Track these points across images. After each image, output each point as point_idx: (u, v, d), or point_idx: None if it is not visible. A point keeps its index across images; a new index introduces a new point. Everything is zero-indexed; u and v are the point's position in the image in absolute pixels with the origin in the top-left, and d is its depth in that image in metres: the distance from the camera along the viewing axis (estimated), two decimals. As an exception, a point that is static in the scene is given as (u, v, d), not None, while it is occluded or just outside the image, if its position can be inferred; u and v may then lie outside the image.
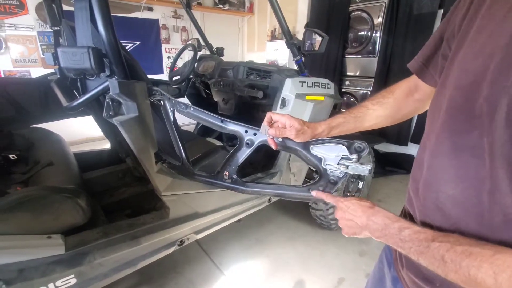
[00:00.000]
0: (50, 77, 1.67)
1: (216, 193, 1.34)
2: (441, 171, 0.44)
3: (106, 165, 1.71)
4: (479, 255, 0.34)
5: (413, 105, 0.66)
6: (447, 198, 0.42)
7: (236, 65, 1.87)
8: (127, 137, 0.95)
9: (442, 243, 0.38)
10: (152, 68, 4.10)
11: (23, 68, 3.18)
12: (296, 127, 0.71)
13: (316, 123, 0.73)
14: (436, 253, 0.38)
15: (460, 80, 0.41)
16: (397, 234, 0.45)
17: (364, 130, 0.72)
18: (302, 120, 0.73)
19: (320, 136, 0.74)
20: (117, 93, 0.87)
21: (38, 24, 3.15)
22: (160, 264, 1.59)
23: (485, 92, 0.36)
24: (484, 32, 0.39)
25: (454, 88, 0.42)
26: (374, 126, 0.70)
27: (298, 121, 0.71)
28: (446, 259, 0.36)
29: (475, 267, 0.33)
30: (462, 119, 0.40)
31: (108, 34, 0.83)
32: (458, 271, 0.35)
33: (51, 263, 0.92)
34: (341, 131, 0.72)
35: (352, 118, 0.70)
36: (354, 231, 0.55)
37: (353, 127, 0.70)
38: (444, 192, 0.43)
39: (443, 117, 0.44)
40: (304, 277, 1.59)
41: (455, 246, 0.37)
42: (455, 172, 0.41)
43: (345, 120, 0.71)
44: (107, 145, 1.97)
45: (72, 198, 1.01)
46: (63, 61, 0.84)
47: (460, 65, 0.42)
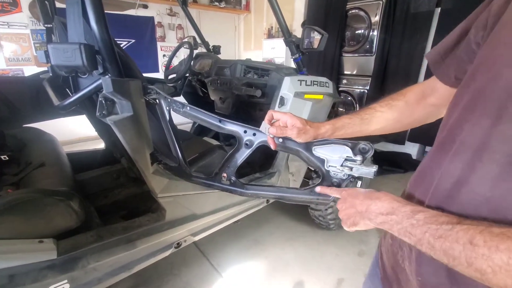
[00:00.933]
0: (43, 76, 1.62)
1: (213, 194, 1.31)
2: (475, 171, 0.39)
3: (100, 165, 1.67)
4: None
5: (425, 110, 0.61)
6: (485, 201, 0.37)
7: (233, 63, 1.84)
8: (121, 137, 0.92)
9: (472, 225, 0.32)
10: (147, 66, 4.04)
11: (16, 67, 3.11)
12: (298, 126, 0.68)
13: (319, 123, 0.70)
14: (462, 236, 0.32)
15: (482, 77, 0.38)
16: (408, 218, 0.39)
17: (371, 134, 0.67)
18: (304, 119, 0.70)
19: (323, 136, 0.70)
20: (111, 92, 0.84)
21: (31, 22, 3.08)
22: (156, 266, 1.55)
23: (508, 76, 0.33)
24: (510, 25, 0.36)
25: (484, 78, 0.38)
26: (382, 130, 0.66)
27: (300, 120, 0.68)
28: (477, 241, 0.30)
29: None
30: (490, 110, 0.36)
31: (101, 29, 0.79)
32: (492, 256, 0.29)
33: (43, 268, 0.89)
34: (346, 133, 0.68)
35: (358, 119, 0.66)
36: (353, 220, 0.50)
37: (359, 130, 0.66)
38: (481, 194, 0.37)
39: (465, 103, 0.40)
40: (303, 278, 1.57)
41: (491, 228, 0.31)
42: (494, 172, 0.36)
43: (351, 122, 0.67)
44: (102, 145, 1.93)
45: (65, 201, 0.97)
46: (54, 58, 0.80)
47: (488, 60, 0.38)
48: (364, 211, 0.47)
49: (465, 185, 0.38)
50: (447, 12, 2.72)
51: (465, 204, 0.38)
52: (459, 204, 0.39)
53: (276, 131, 0.71)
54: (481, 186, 0.37)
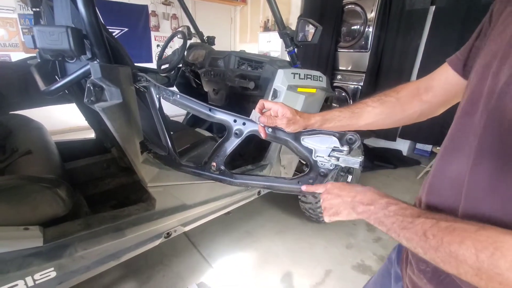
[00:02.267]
0: (30, 61, 1.58)
1: (204, 185, 1.31)
2: (454, 150, 0.42)
3: (90, 155, 1.64)
4: (463, 231, 0.32)
5: (418, 106, 0.61)
6: (465, 176, 0.39)
7: (227, 55, 1.82)
8: (110, 125, 0.91)
9: (428, 218, 0.36)
10: (140, 56, 3.97)
11: (3, 53, 3.02)
12: (288, 116, 0.68)
13: (309, 114, 0.71)
14: (419, 229, 0.36)
15: (480, 61, 0.39)
16: (382, 209, 0.42)
17: (360, 128, 0.67)
18: (295, 110, 0.70)
19: (312, 127, 0.71)
20: (99, 78, 0.82)
21: (19, 6, 2.98)
22: (147, 256, 1.56)
23: (495, 69, 0.35)
24: (509, 18, 0.37)
25: (474, 70, 0.40)
26: (372, 125, 0.66)
27: (290, 110, 0.69)
28: (428, 234, 0.34)
29: (456, 243, 0.31)
30: (471, 101, 0.38)
31: (89, 12, 0.77)
32: (439, 248, 0.33)
33: (28, 255, 0.88)
34: (335, 126, 0.68)
35: (348, 113, 0.66)
36: (336, 210, 0.52)
37: (348, 123, 0.67)
38: (459, 172, 0.40)
39: (462, 100, 0.42)
40: (292, 270, 1.60)
41: (440, 222, 0.34)
42: (469, 152, 0.38)
43: (341, 114, 0.67)
44: (92, 134, 1.90)
45: (51, 188, 0.96)
46: (39, 41, 0.78)
47: (484, 49, 0.40)
48: (349, 201, 0.49)
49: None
50: (441, 10, 2.74)
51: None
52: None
53: (267, 121, 0.71)
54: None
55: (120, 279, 1.46)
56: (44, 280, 0.91)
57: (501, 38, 0.37)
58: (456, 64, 0.53)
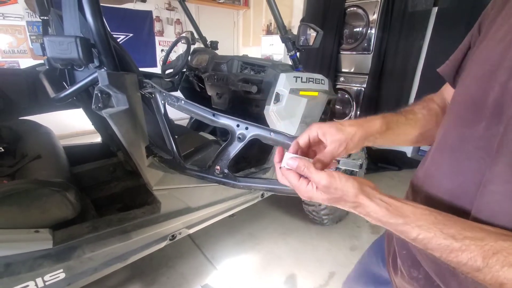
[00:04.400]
0: (39, 68, 1.62)
1: (208, 188, 1.33)
2: (442, 164, 0.43)
3: (97, 158, 1.68)
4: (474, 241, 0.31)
5: None
6: (446, 192, 0.41)
7: (230, 59, 1.84)
8: (117, 130, 0.94)
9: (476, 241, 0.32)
10: (145, 61, 4.03)
11: (11, 59, 3.09)
12: (338, 137, 0.47)
13: (361, 119, 0.52)
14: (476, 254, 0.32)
15: (476, 71, 0.40)
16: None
17: (416, 138, 0.56)
18: (335, 123, 0.50)
19: (374, 138, 0.52)
20: (106, 85, 0.85)
21: (27, 13, 3.05)
22: (152, 258, 1.58)
23: (502, 79, 0.34)
24: (505, 25, 0.38)
25: (469, 80, 0.41)
26: (424, 134, 0.55)
27: (330, 125, 0.48)
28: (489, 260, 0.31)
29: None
30: (472, 109, 0.39)
31: (97, 22, 0.80)
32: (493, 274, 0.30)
33: (39, 257, 0.91)
34: (397, 134, 0.54)
35: (404, 119, 0.54)
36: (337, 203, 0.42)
37: (410, 131, 0.54)
38: (443, 186, 0.42)
39: (454, 108, 0.43)
40: (296, 272, 1.61)
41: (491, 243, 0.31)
42: (458, 165, 0.40)
43: (399, 119, 0.54)
44: (98, 138, 1.94)
45: (61, 192, 0.99)
46: (50, 50, 0.81)
47: (478, 57, 0.41)
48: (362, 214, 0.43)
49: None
50: (444, 11, 2.74)
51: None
52: None
53: (321, 161, 0.45)
54: None
55: (126, 281, 1.48)
56: (53, 281, 0.94)
57: (502, 47, 0.36)
58: (448, 75, 0.54)
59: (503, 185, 0.34)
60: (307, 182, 0.42)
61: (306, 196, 0.42)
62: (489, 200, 0.35)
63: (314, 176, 0.40)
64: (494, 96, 0.35)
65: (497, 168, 0.34)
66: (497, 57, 0.36)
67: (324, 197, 0.41)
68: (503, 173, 0.33)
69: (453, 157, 0.41)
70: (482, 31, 0.45)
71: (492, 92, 0.36)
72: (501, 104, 0.34)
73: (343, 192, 0.39)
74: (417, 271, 0.46)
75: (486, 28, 0.43)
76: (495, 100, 0.35)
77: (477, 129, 0.37)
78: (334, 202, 0.41)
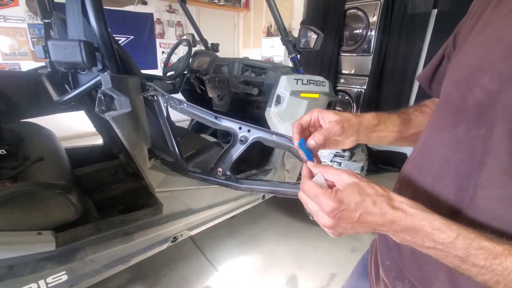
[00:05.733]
0: (41, 71, 1.63)
1: (210, 190, 1.34)
2: (423, 168, 0.43)
3: (99, 161, 1.68)
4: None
5: None
6: (428, 197, 0.41)
7: (231, 61, 1.85)
8: (120, 133, 0.94)
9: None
10: (146, 63, 4.04)
11: (13, 61, 3.10)
12: (335, 119, 0.49)
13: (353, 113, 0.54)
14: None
15: (455, 74, 0.41)
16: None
17: (408, 138, 0.57)
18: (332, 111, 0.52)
19: (367, 127, 0.53)
20: (110, 88, 0.86)
21: (28, 16, 3.07)
22: (153, 260, 1.58)
23: (482, 82, 0.34)
24: (485, 31, 0.38)
25: (449, 83, 0.42)
26: (418, 135, 0.54)
27: (328, 111, 0.51)
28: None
29: None
30: (452, 112, 0.39)
31: (100, 27, 0.81)
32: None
33: (41, 259, 0.91)
34: (388, 129, 0.55)
35: (397, 117, 0.56)
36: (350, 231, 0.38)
37: (400, 129, 0.55)
38: (424, 189, 0.42)
39: (435, 113, 0.44)
40: (297, 273, 1.61)
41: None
42: (438, 169, 0.40)
43: (392, 117, 0.56)
44: (100, 140, 1.95)
45: (63, 194, 0.99)
46: (53, 54, 0.82)
47: (458, 62, 0.41)
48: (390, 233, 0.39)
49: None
50: (443, 13, 2.75)
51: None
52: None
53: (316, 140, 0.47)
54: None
55: (127, 283, 1.48)
56: (56, 283, 0.94)
57: (482, 52, 0.37)
58: (424, 82, 0.56)
59: (497, 189, 0.33)
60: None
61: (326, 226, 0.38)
62: (483, 206, 0.35)
63: (320, 200, 0.36)
64: (474, 99, 0.36)
65: (488, 173, 0.34)
66: (476, 61, 0.37)
67: (346, 225, 0.36)
68: (496, 178, 0.33)
69: (433, 161, 0.41)
70: (459, 41, 0.45)
71: (472, 94, 0.36)
72: (482, 106, 0.35)
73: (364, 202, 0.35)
74: (402, 283, 0.46)
75: (463, 38, 0.44)
76: (476, 102, 0.35)
77: (456, 132, 0.38)
78: (358, 225, 0.36)
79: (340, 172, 0.39)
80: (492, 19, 0.38)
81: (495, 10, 0.38)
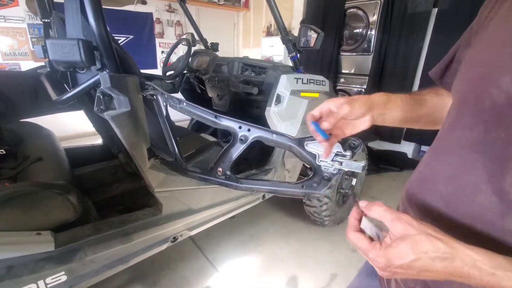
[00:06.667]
0: (40, 71, 1.63)
1: (210, 190, 1.33)
2: (437, 169, 0.42)
3: (98, 160, 1.68)
4: None
5: None
6: (440, 198, 0.40)
7: (231, 61, 1.85)
8: (119, 132, 0.94)
9: None
10: (145, 62, 4.04)
11: (12, 61, 3.10)
12: (340, 101, 0.50)
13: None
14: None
15: (469, 74, 0.39)
16: None
17: (421, 117, 0.56)
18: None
19: (378, 106, 0.52)
20: (108, 87, 0.85)
21: (28, 16, 3.06)
22: (153, 260, 1.58)
23: (501, 82, 0.33)
24: (500, 28, 0.37)
25: (463, 82, 0.41)
26: (431, 115, 0.56)
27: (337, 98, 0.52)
28: None
29: None
30: (468, 112, 0.38)
31: (99, 26, 0.80)
32: None
33: (40, 260, 0.91)
34: (400, 106, 0.54)
35: (409, 96, 0.55)
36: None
37: (412, 108, 0.54)
38: (438, 191, 0.41)
39: (450, 112, 0.42)
40: (297, 273, 1.60)
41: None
42: (452, 169, 0.39)
43: (403, 96, 0.54)
44: (99, 140, 1.94)
45: (62, 194, 0.99)
46: (52, 53, 0.82)
47: (471, 59, 0.40)
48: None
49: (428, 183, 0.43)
50: (444, 12, 2.75)
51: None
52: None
53: (329, 124, 0.50)
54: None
55: (127, 283, 1.48)
56: (55, 284, 0.93)
57: (501, 52, 0.36)
58: (435, 76, 0.56)
59: None
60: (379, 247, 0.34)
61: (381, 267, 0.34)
62: None
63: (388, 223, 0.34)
64: (492, 99, 0.35)
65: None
66: (493, 60, 0.36)
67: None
68: None
69: (448, 162, 0.40)
70: (472, 39, 0.45)
71: (489, 94, 0.35)
72: (500, 109, 0.34)
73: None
74: (414, 281, 0.45)
75: (480, 33, 0.43)
76: (493, 103, 0.34)
77: (474, 133, 0.37)
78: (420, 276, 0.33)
79: (394, 219, 0.34)
80: (509, 16, 0.36)
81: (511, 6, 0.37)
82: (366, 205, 0.39)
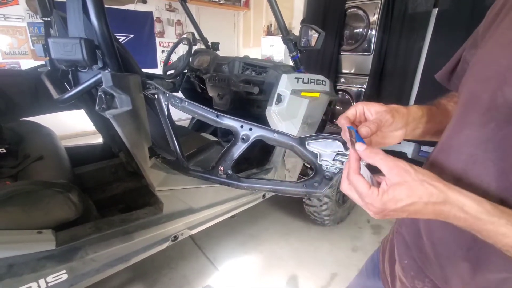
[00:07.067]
0: (41, 69, 1.62)
1: (210, 189, 1.34)
2: (446, 169, 0.41)
3: (99, 159, 1.68)
4: None
5: None
6: None
7: (231, 60, 1.85)
8: (120, 131, 0.94)
9: None
10: (146, 62, 4.03)
11: (12, 60, 3.09)
12: (383, 109, 0.47)
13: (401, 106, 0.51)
14: None
15: (481, 72, 0.39)
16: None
17: None
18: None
19: (413, 118, 0.50)
20: (110, 86, 0.85)
21: (28, 14, 3.06)
22: (154, 259, 1.58)
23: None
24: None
25: (473, 81, 0.40)
26: None
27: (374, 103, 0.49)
28: None
29: None
30: (479, 110, 0.38)
31: (101, 24, 0.80)
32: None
33: (41, 258, 0.91)
34: (434, 121, 0.52)
35: (436, 108, 0.53)
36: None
37: (441, 120, 0.52)
38: None
39: (459, 111, 0.42)
40: (297, 273, 1.60)
41: None
42: (462, 168, 0.39)
43: (433, 108, 0.52)
44: (100, 139, 1.94)
45: (63, 193, 0.99)
46: (54, 52, 0.81)
47: (482, 59, 0.40)
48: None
49: None
50: (444, 12, 2.75)
51: None
52: None
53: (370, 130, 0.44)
54: None
55: (128, 282, 1.48)
56: (56, 283, 0.93)
57: (507, 48, 0.36)
58: (443, 79, 0.55)
59: None
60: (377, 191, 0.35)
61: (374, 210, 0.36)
62: None
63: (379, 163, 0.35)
64: (505, 98, 0.35)
65: None
66: (507, 59, 0.36)
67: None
68: None
69: (457, 160, 0.40)
70: (481, 39, 0.44)
71: (502, 93, 0.35)
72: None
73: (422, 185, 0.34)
74: (422, 282, 0.45)
75: (489, 33, 0.42)
76: (506, 101, 0.34)
77: (485, 131, 0.37)
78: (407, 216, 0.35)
79: (392, 167, 0.36)
80: None
81: None
82: (363, 149, 0.38)
